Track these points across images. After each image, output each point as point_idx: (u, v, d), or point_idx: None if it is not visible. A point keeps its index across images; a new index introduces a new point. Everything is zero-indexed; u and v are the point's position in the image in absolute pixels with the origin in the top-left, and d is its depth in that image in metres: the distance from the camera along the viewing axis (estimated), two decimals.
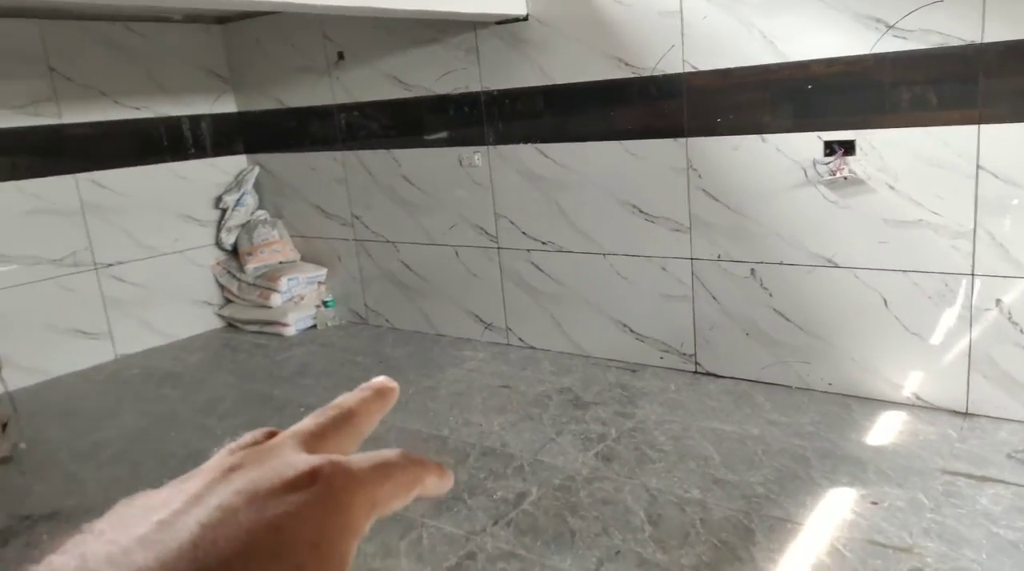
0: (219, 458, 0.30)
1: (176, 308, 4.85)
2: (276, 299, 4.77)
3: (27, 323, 4.15)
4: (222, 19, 4.93)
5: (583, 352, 3.93)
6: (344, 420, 0.34)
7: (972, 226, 2.77)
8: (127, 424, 3.54)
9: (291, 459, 0.29)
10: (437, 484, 0.34)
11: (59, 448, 3.33)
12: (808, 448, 2.75)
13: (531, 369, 3.81)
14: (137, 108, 4.63)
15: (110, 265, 4.52)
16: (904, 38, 2.75)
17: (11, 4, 3.82)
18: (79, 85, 4.35)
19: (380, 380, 0.38)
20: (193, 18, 4.79)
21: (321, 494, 0.27)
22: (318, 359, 4.27)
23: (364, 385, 0.37)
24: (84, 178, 4.40)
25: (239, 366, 4.28)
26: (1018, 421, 2.81)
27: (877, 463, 2.58)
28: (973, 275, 2.81)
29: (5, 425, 3.26)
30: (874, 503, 2.34)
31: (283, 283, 4.76)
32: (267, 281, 4.81)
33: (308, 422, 0.33)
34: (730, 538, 2.24)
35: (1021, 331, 2.76)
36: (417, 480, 0.32)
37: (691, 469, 2.67)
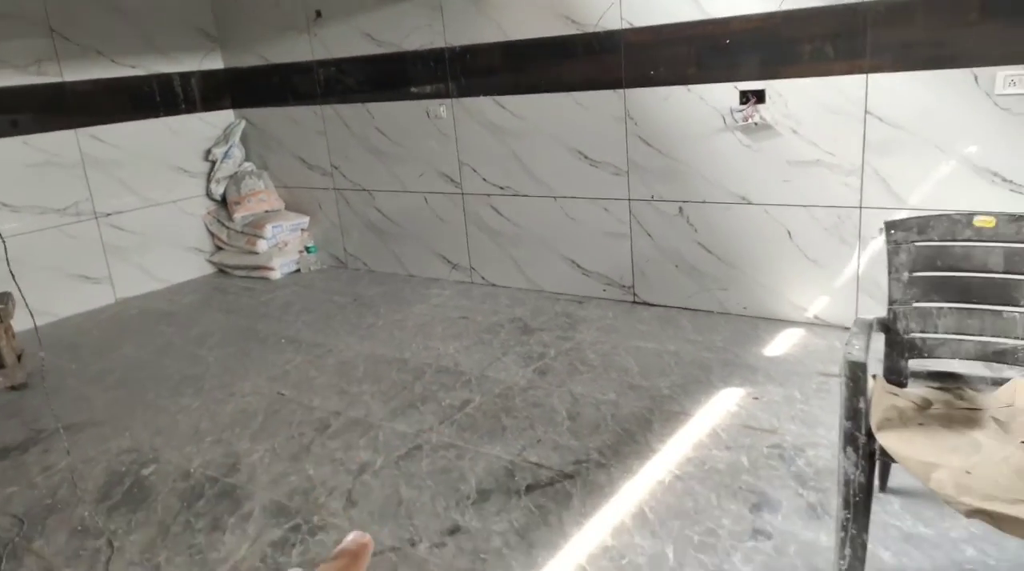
0: None
1: (171, 255, 5.26)
2: (262, 245, 5.18)
3: (35, 268, 4.56)
4: None
5: (537, 287, 4.35)
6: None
7: (860, 164, 3.15)
8: (128, 354, 3.98)
9: None
10: (364, 557, 0.38)
11: (68, 375, 3.77)
12: (713, 360, 3.18)
13: (489, 303, 4.23)
14: (132, 66, 4.97)
15: (109, 214, 4.91)
16: None
17: None
18: (78, 45, 4.68)
19: (352, 538, 0.39)
20: None
21: None
22: (300, 299, 4.70)
23: (341, 549, 0.38)
24: (84, 133, 4.76)
25: (228, 305, 4.71)
26: None
27: (767, 369, 3.02)
28: (861, 208, 3.20)
29: (20, 356, 3.69)
30: (755, 398, 2.78)
31: (268, 230, 5.16)
32: (253, 229, 5.21)
33: None
34: (632, 427, 2.68)
35: None
36: None
37: (612, 378, 3.11)
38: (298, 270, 5.29)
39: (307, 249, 5.33)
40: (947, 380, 1.97)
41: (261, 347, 3.87)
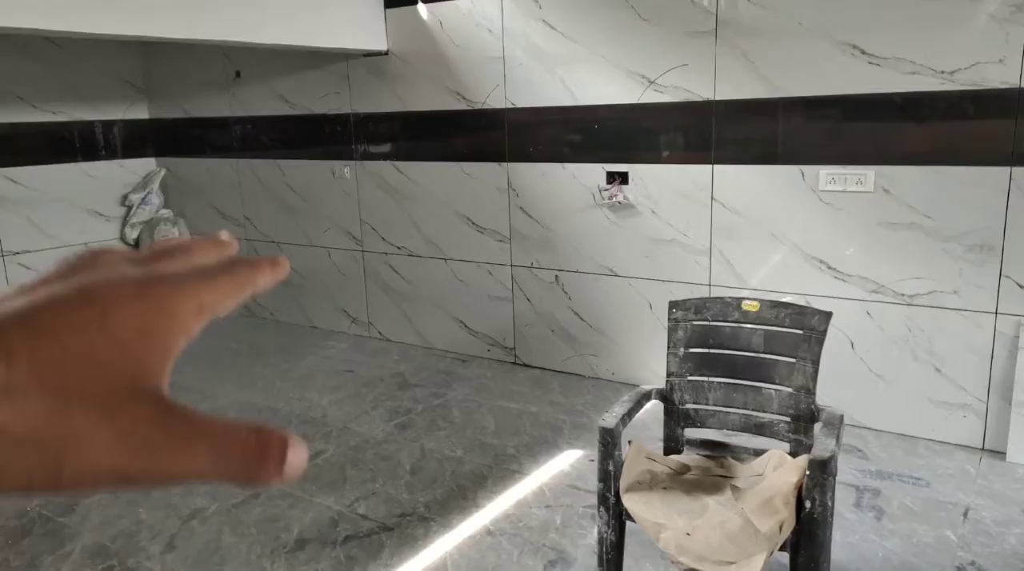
0: (50, 272, 0.29)
1: None
2: None
3: None
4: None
5: (428, 344, 4.49)
6: (180, 254, 0.32)
7: (709, 246, 3.40)
8: None
9: (119, 270, 0.29)
10: (271, 278, 0.33)
11: None
12: (568, 422, 3.33)
13: (378, 357, 4.36)
14: (53, 112, 5.11)
15: (17, 253, 4.97)
16: (661, 92, 3.38)
17: None
18: None
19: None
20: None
21: (146, 297, 0.27)
22: (198, 344, 4.71)
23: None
24: None
25: None
26: None
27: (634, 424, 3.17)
28: (710, 285, 3.43)
29: None
30: (591, 460, 2.93)
31: None
32: None
33: (144, 249, 0.32)
34: (466, 484, 2.80)
35: None
36: (247, 282, 0.32)
37: (466, 435, 3.24)
38: None
39: None
40: (717, 449, 2.14)
41: None
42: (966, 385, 2.91)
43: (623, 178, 3.57)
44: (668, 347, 2.19)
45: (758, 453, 2.07)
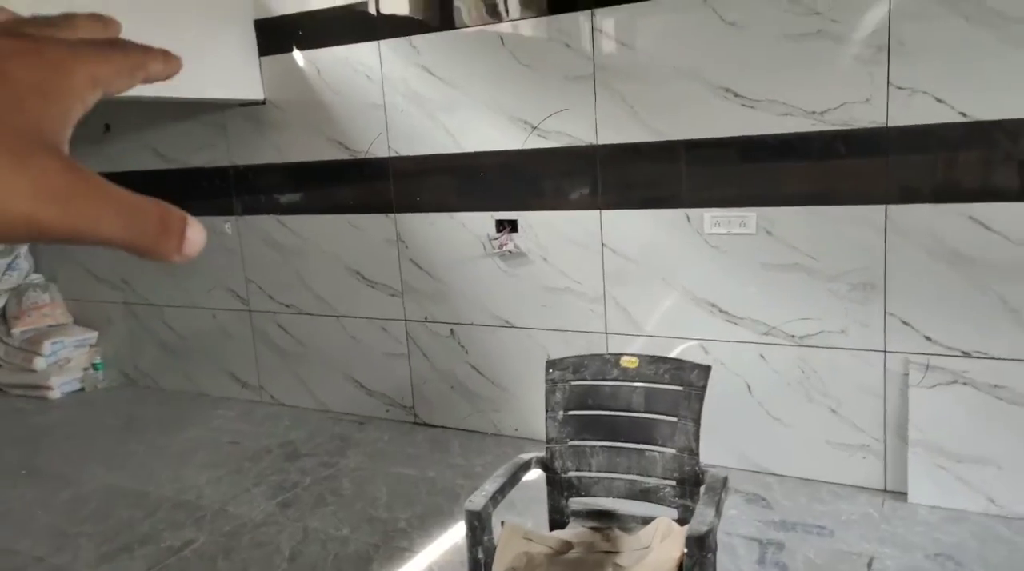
0: None
1: None
2: (40, 363, 4.82)
3: None
4: None
5: (323, 407, 4.22)
6: (68, 25, 0.32)
7: (603, 293, 3.30)
8: None
9: (14, 28, 0.29)
10: (164, 68, 0.33)
11: None
12: (466, 487, 3.13)
13: (268, 425, 4.06)
14: None
15: None
16: (545, 137, 3.29)
17: None
18: None
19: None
20: None
21: (44, 56, 0.28)
22: (70, 421, 4.36)
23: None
24: None
25: None
26: None
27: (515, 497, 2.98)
28: (607, 333, 3.33)
29: None
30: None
31: (47, 347, 4.83)
32: (31, 345, 4.87)
33: (28, 17, 0.31)
34: (349, 568, 2.56)
35: None
36: (140, 65, 0.32)
37: (355, 510, 2.99)
38: (83, 389, 4.93)
39: (94, 366, 5.01)
40: (604, 519, 1.99)
41: None
42: (863, 425, 2.87)
43: (512, 226, 3.46)
44: (546, 411, 2.04)
45: (646, 521, 1.93)
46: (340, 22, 3.71)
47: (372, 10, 3.62)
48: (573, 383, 2.03)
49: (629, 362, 2.00)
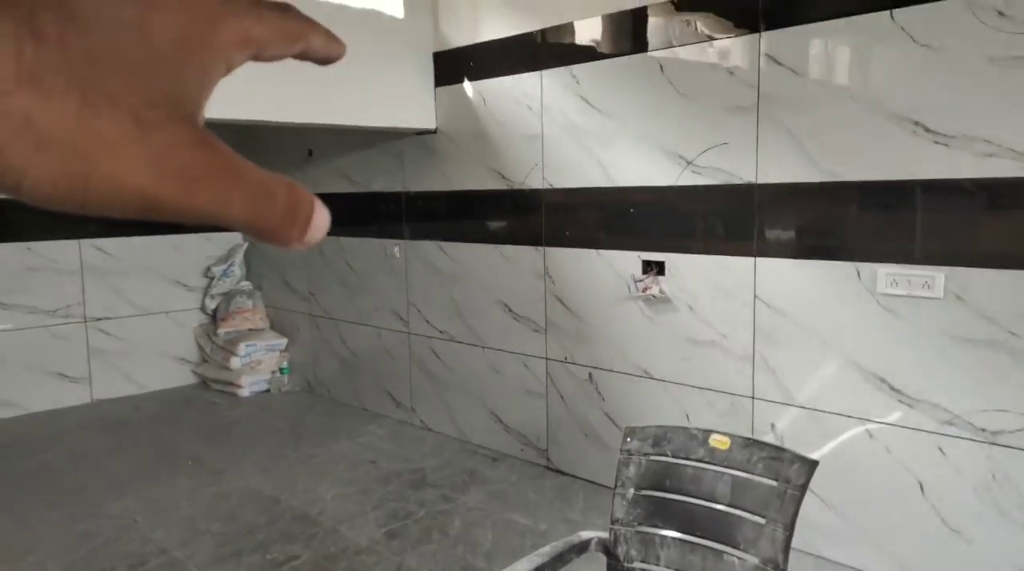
0: None
1: (155, 362, 5.47)
2: (235, 362, 5.31)
3: (14, 363, 4.86)
4: None
5: (464, 437, 4.17)
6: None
7: (752, 352, 2.89)
8: (48, 459, 4.09)
9: None
10: (325, 45, 0.31)
11: None
12: None
13: (410, 448, 4.08)
14: None
15: (99, 319, 5.22)
16: (699, 173, 2.99)
17: None
18: None
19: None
20: None
21: (193, 7, 0.25)
22: (246, 420, 4.72)
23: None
24: (87, 243, 5.16)
25: (180, 419, 4.79)
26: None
27: None
28: (753, 398, 2.91)
29: None
30: None
31: (241, 348, 5.30)
32: (230, 345, 5.37)
33: None
34: None
35: None
36: (300, 34, 0.30)
37: (455, 554, 2.86)
38: (268, 390, 5.35)
39: (280, 370, 5.41)
40: None
41: (167, 467, 3.87)
42: None
43: (659, 268, 3.17)
44: (615, 486, 1.76)
45: None
46: (507, 52, 3.68)
47: (538, 39, 3.55)
48: (651, 457, 1.74)
49: (719, 442, 1.67)
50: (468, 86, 3.91)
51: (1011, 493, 2.30)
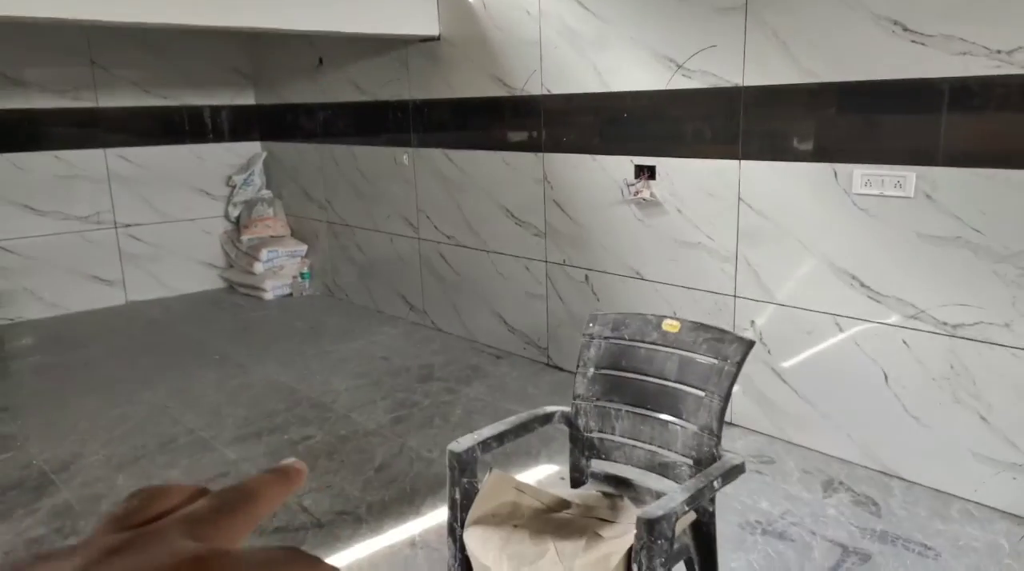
0: (101, 534, 0.30)
1: (184, 266, 5.75)
2: (258, 267, 5.56)
3: (53, 266, 5.16)
4: None
5: (471, 337, 4.40)
6: (241, 503, 0.32)
7: (735, 252, 3.01)
8: (87, 354, 4.42)
9: (176, 547, 0.29)
10: (286, 488, 0.35)
11: (27, 362, 4.25)
12: (565, 434, 3.11)
13: (420, 347, 4.33)
14: (164, 97, 5.55)
15: (128, 225, 5.48)
16: (689, 77, 3.03)
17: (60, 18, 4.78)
18: (114, 75, 5.31)
19: (288, 462, 0.35)
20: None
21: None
22: (269, 321, 5.00)
23: (273, 467, 0.35)
24: (112, 152, 5.36)
25: (209, 318, 5.09)
26: (764, 434, 3.03)
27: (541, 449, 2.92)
28: (735, 296, 3.05)
29: None
30: (563, 479, 2.70)
31: (264, 254, 5.54)
32: (254, 251, 5.62)
33: (202, 505, 0.32)
34: (422, 488, 2.69)
35: (768, 352, 2.98)
36: (255, 512, 0.33)
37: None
38: (291, 294, 5.62)
39: (301, 275, 5.66)
40: (620, 486, 1.88)
41: (196, 362, 4.17)
42: (1017, 440, 2.36)
43: (651, 173, 3.26)
44: (577, 365, 1.94)
45: (659, 496, 1.78)
46: None
47: None
48: (610, 340, 1.91)
49: (670, 326, 1.83)
50: None
51: (967, 382, 2.44)
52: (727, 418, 3.14)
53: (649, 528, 1.37)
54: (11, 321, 5.01)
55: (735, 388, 2.53)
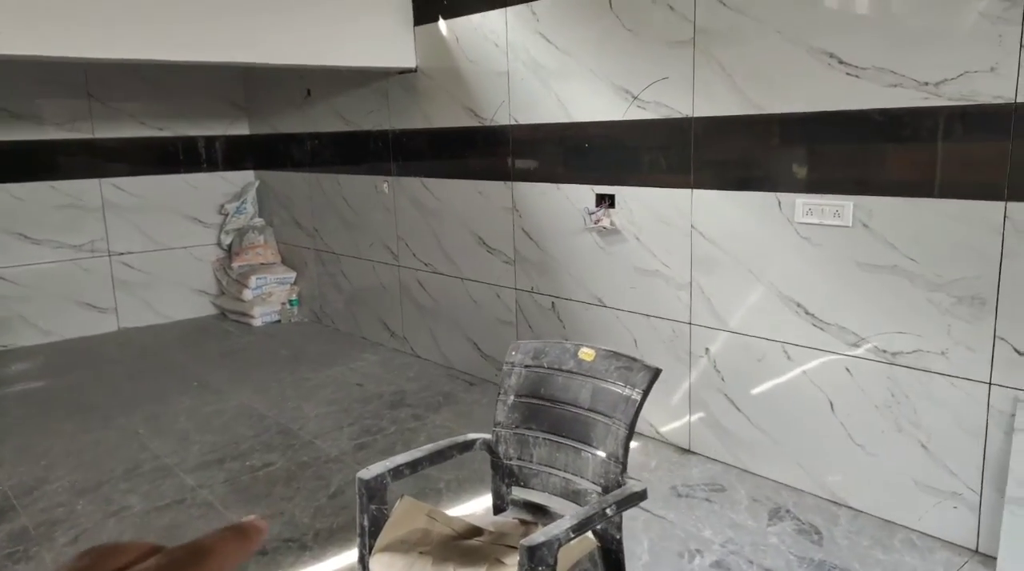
0: None
1: (176, 293, 5.86)
2: (247, 294, 5.65)
3: (48, 294, 5.28)
4: None
5: (448, 363, 4.44)
6: (193, 562, 0.31)
7: (689, 279, 3.04)
8: (73, 380, 4.50)
9: None
10: (247, 544, 0.35)
11: (14, 388, 4.35)
12: None
13: (396, 373, 4.37)
14: (160, 128, 5.70)
15: (122, 253, 5.60)
16: (644, 108, 3.09)
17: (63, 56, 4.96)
18: (111, 108, 5.46)
19: (248, 520, 0.35)
20: None
21: None
22: (254, 347, 5.08)
23: (231, 524, 0.34)
24: (108, 182, 5.50)
25: (196, 344, 5.18)
26: (720, 462, 3.02)
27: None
28: (690, 324, 3.07)
29: None
30: None
31: (252, 281, 5.64)
32: (243, 278, 5.71)
33: (151, 565, 0.31)
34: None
35: (723, 379, 2.98)
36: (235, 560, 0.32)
37: None
38: (279, 321, 5.69)
39: (290, 302, 5.74)
40: (538, 514, 1.90)
41: (176, 388, 4.24)
42: (956, 469, 2.35)
43: (611, 201, 3.30)
44: (498, 393, 1.98)
45: None
46: None
47: None
48: (529, 368, 1.94)
49: (586, 355, 1.86)
50: (443, 24, 4.02)
51: (908, 411, 2.44)
52: (686, 445, 3.15)
53: (530, 555, 1.39)
54: (5, 348, 5.13)
55: (698, 416, 2.57)
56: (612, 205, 3.30)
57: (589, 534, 1.69)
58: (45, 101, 5.21)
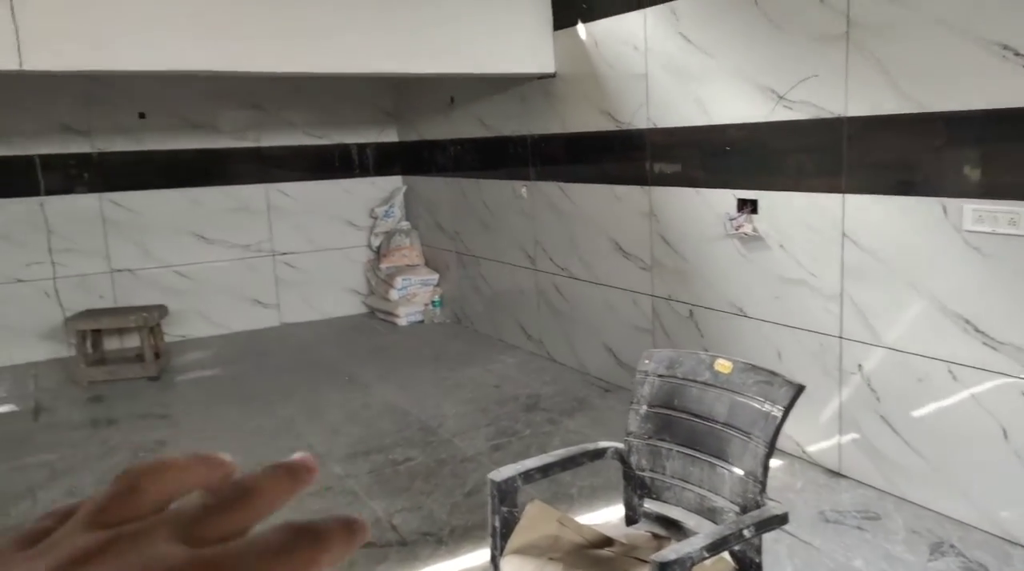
0: (75, 531, 0.26)
1: (332, 292, 6.24)
2: (393, 294, 5.92)
3: (220, 289, 5.79)
4: None
5: (583, 369, 4.44)
6: (239, 501, 0.29)
7: (840, 291, 2.87)
8: (239, 370, 4.91)
9: (160, 552, 0.25)
10: (343, 551, 0.28)
11: (188, 377, 4.80)
12: None
13: (532, 376, 4.43)
14: (319, 137, 6.10)
15: (284, 253, 6.04)
16: (790, 108, 2.95)
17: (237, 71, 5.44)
18: (275, 117, 5.91)
19: (296, 457, 0.31)
20: None
21: None
22: (400, 346, 5.31)
23: (278, 462, 0.30)
24: (272, 187, 5.95)
25: (348, 341, 5.49)
26: (874, 487, 2.83)
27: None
28: (841, 337, 2.89)
29: (158, 354, 4.79)
30: None
31: (398, 282, 5.90)
32: (389, 279, 5.99)
33: (193, 503, 0.28)
34: None
35: (878, 399, 2.79)
36: (311, 562, 0.27)
37: None
38: (423, 321, 5.93)
39: (433, 303, 5.96)
40: (671, 528, 1.86)
41: (328, 381, 4.52)
42: None
43: (753, 207, 3.18)
44: (632, 402, 1.96)
45: None
46: None
47: None
48: (663, 378, 1.91)
49: (723, 367, 1.81)
50: (581, 28, 4.03)
51: None
52: (835, 467, 2.98)
53: None
54: (182, 338, 5.67)
55: (850, 437, 2.45)
56: (755, 210, 3.17)
57: (726, 555, 1.64)
58: (220, 112, 5.71)
